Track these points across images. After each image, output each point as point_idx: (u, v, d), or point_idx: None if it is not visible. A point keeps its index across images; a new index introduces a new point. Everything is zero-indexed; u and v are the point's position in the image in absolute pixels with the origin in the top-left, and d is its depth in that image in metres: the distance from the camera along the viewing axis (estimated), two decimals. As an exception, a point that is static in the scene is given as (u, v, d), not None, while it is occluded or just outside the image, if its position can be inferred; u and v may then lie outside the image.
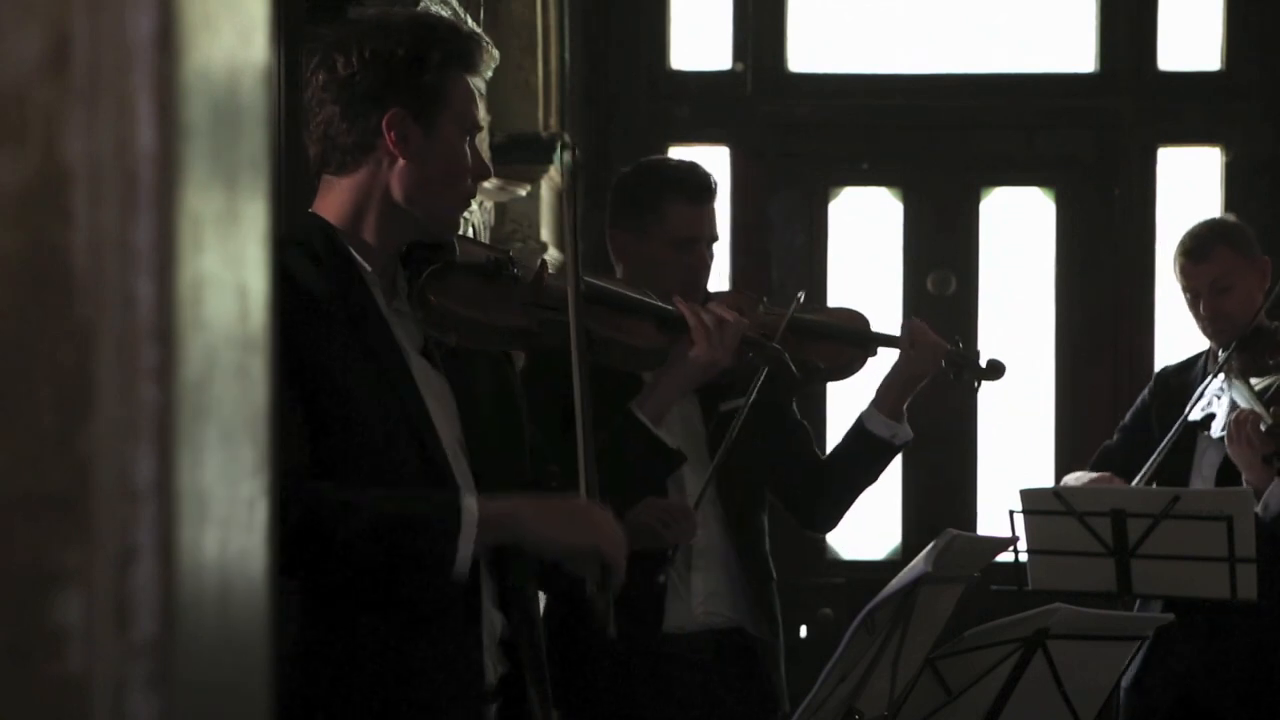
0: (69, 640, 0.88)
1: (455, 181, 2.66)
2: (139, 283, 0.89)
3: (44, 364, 0.89)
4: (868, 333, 3.97)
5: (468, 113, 2.65)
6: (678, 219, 3.78)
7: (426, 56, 2.61)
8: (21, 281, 0.89)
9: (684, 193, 3.79)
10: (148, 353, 0.89)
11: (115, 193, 0.89)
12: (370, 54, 2.61)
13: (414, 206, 2.64)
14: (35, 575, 0.89)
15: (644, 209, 3.80)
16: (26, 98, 0.89)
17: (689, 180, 3.82)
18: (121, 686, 0.89)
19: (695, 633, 3.79)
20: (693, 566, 3.80)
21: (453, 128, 2.64)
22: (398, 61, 2.61)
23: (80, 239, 0.89)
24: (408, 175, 2.62)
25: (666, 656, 3.76)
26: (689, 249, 3.77)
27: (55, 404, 0.89)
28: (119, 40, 0.89)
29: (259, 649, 1.01)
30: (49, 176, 0.89)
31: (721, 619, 3.82)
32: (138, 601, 0.89)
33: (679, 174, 3.84)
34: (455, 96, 2.64)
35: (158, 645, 0.89)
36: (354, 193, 2.64)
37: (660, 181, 3.83)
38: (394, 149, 2.61)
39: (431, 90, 2.62)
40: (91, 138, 0.89)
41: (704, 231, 3.81)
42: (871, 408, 3.95)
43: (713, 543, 3.80)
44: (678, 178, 3.83)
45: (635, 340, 2.98)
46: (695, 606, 3.79)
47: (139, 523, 0.89)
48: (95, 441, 0.89)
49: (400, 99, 2.61)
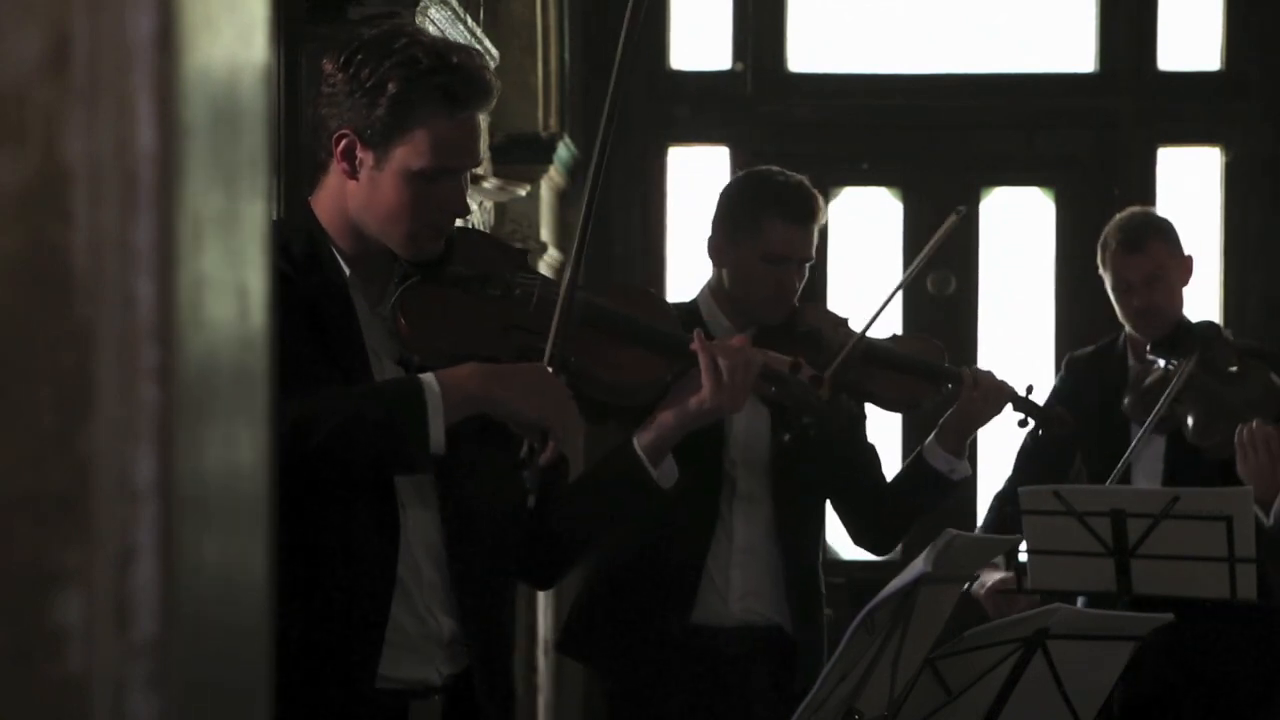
0: (69, 640, 0.88)
1: (401, 218, 2.58)
2: (139, 283, 0.89)
3: (44, 364, 0.89)
4: (939, 368, 3.99)
5: (435, 155, 2.56)
6: (773, 236, 3.80)
7: (389, 89, 2.54)
8: (21, 281, 0.89)
9: (783, 211, 3.81)
10: (148, 353, 0.89)
11: (115, 193, 0.89)
12: (345, 64, 2.57)
13: (363, 226, 2.62)
14: (35, 575, 0.89)
15: (743, 221, 3.83)
16: (26, 98, 0.89)
17: (791, 199, 3.83)
18: (121, 686, 0.89)
19: (731, 628, 3.83)
20: (732, 563, 3.83)
21: (406, 168, 2.55)
22: (359, 84, 2.55)
23: (80, 239, 0.89)
24: (357, 197, 2.60)
25: (699, 650, 3.79)
26: (780, 266, 3.80)
27: (55, 404, 0.89)
28: (119, 40, 0.89)
29: (259, 649, 1.01)
30: (49, 176, 0.89)
31: (759, 617, 3.85)
32: (138, 601, 0.89)
33: (782, 191, 3.85)
34: (416, 137, 2.55)
35: (158, 645, 0.89)
36: (330, 196, 2.64)
37: (762, 196, 3.85)
38: (341, 166, 2.59)
39: (384, 124, 2.54)
40: (91, 138, 0.89)
41: (796, 252, 3.82)
42: (933, 441, 3.98)
43: (755, 541, 3.84)
44: (780, 195, 3.84)
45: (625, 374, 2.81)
46: (733, 602, 3.83)
47: (139, 523, 0.89)
48: (95, 441, 0.89)
49: (352, 121, 2.56)
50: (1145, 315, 4.52)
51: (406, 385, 2.52)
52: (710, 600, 3.81)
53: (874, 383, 3.92)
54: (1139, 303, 4.52)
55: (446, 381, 2.51)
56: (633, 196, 6.57)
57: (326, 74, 2.61)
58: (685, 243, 6.47)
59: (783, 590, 3.85)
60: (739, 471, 3.83)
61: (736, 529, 3.83)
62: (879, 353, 3.94)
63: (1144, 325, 4.53)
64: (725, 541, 3.82)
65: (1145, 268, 4.51)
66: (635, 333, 2.84)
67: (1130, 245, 4.55)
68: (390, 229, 2.60)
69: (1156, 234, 4.58)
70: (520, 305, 2.74)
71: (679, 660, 3.79)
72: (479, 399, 2.55)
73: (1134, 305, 4.53)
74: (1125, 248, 4.55)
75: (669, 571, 3.79)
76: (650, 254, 6.63)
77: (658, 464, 2.81)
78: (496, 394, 2.55)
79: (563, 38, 6.11)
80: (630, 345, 2.83)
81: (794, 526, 3.88)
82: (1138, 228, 4.60)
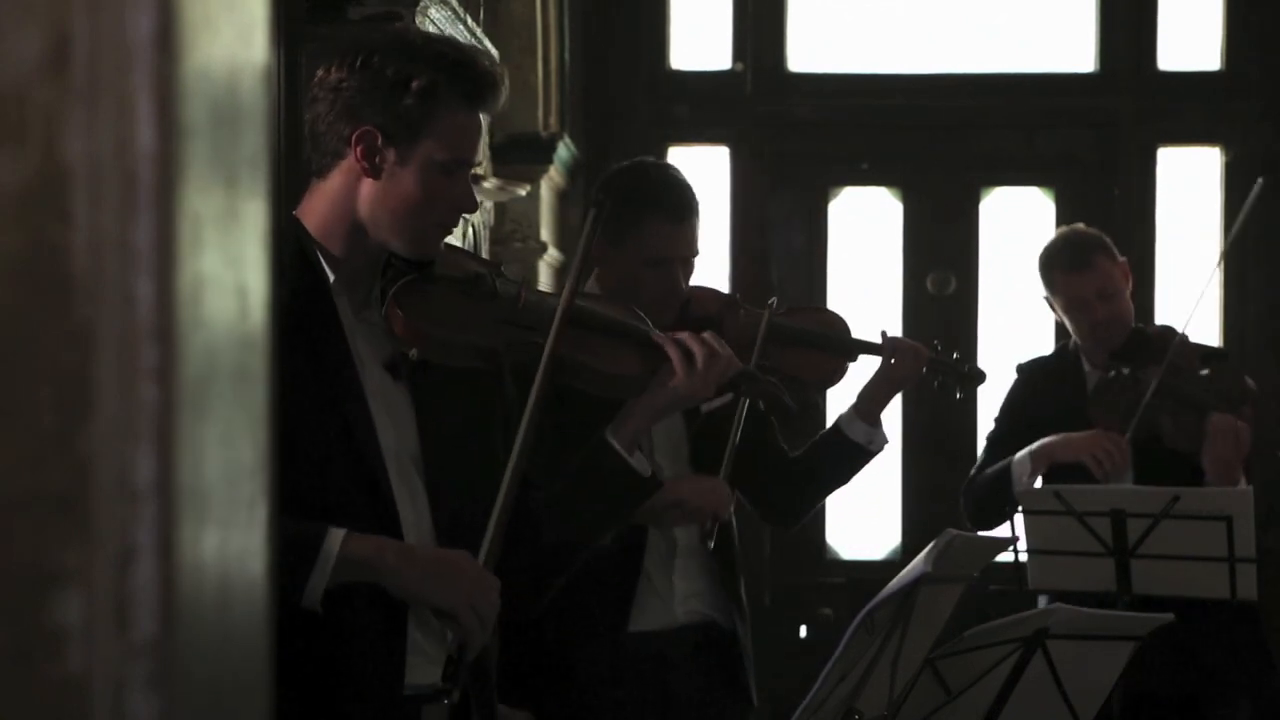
0: (69, 640, 0.88)
1: (420, 212, 2.61)
2: (139, 283, 0.89)
3: (44, 364, 0.89)
4: (848, 339, 3.95)
5: (455, 147, 2.61)
6: (655, 237, 3.68)
7: (415, 82, 2.57)
8: (21, 281, 0.89)
9: (662, 211, 3.70)
10: (148, 353, 0.89)
11: (115, 193, 0.89)
12: (363, 65, 2.59)
13: (377, 228, 2.62)
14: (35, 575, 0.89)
15: (624, 223, 3.67)
16: (26, 98, 0.89)
17: (667, 199, 3.72)
18: (121, 686, 0.89)
19: (674, 629, 3.77)
20: (675, 569, 3.77)
21: (430, 159, 2.59)
22: (383, 80, 2.58)
23: (80, 239, 0.89)
24: (373, 196, 2.61)
25: (647, 656, 3.74)
26: (662, 267, 3.69)
27: (55, 404, 0.89)
28: (119, 40, 0.89)
29: (259, 649, 1.01)
30: (49, 176, 0.89)
31: (698, 615, 3.80)
32: (138, 601, 0.89)
33: (658, 191, 3.73)
34: (441, 128, 2.59)
35: (158, 645, 0.89)
36: (328, 200, 2.64)
37: (640, 198, 3.70)
38: (360, 165, 2.60)
39: (411, 117, 2.58)
40: (91, 138, 0.89)
41: (679, 251, 3.71)
42: (851, 412, 3.94)
43: (693, 543, 3.77)
44: (657, 196, 3.71)
45: (611, 367, 2.88)
46: (676, 606, 3.77)
47: (139, 523, 0.89)
48: (95, 441, 0.89)
49: (376, 118, 2.58)
50: (1106, 328, 4.58)
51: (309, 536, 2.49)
52: (655, 607, 3.74)
53: (793, 365, 3.85)
54: (1099, 316, 4.57)
55: (348, 554, 2.48)
56: (633, 196, 6.57)
57: (334, 79, 2.61)
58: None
59: (718, 584, 3.80)
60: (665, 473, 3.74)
61: (679, 534, 3.76)
62: (786, 332, 3.87)
63: (1104, 337, 4.58)
64: (665, 545, 3.75)
65: (1095, 283, 4.58)
66: (614, 329, 2.92)
67: (1077, 264, 4.61)
68: (405, 225, 2.62)
69: (1097, 249, 4.64)
70: (509, 303, 2.79)
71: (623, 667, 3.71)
72: (379, 572, 2.52)
73: (1094, 319, 4.58)
74: (1073, 267, 4.61)
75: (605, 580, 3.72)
76: (650, 254, 6.62)
77: (632, 455, 2.87)
78: (405, 584, 2.53)
79: (563, 38, 6.11)
80: (613, 341, 2.91)
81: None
82: (1078, 246, 4.66)
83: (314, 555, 2.46)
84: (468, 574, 2.56)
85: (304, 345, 2.57)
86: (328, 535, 2.48)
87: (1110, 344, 4.56)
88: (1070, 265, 4.61)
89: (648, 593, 3.74)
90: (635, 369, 2.91)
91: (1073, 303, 4.60)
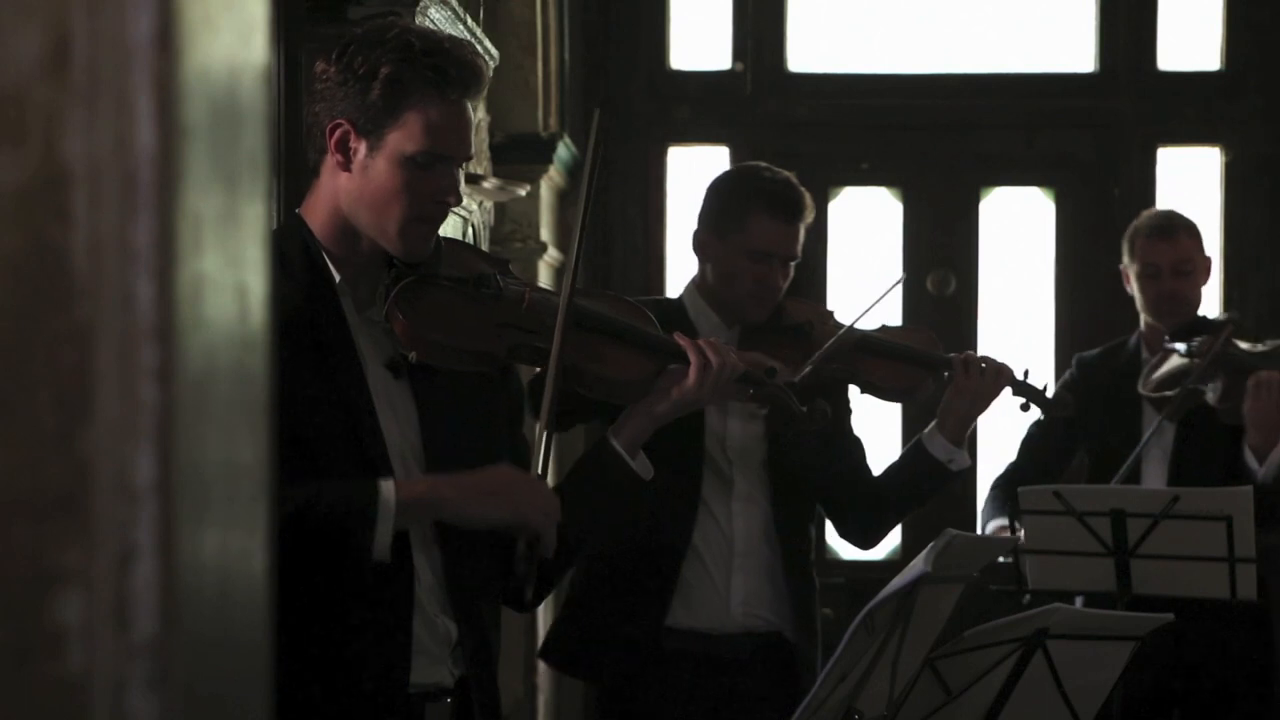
0: (69, 640, 0.88)
1: (393, 206, 2.59)
2: (139, 283, 0.89)
3: (44, 364, 0.89)
4: (932, 354, 3.96)
5: (425, 138, 2.58)
6: (758, 232, 3.77)
7: (381, 73, 2.57)
8: (21, 281, 0.89)
9: (770, 207, 3.78)
10: (148, 353, 0.89)
11: (115, 193, 0.89)
12: (338, 58, 2.60)
13: (356, 221, 2.62)
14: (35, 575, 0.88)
15: (729, 215, 3.80)
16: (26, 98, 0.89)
17: (777, 196, 3.80)
18: (121, 686, 0.89)
19: (733, 634, 3.79)
20: (733, 568, 3.80)
21: (400, 151, 2.58)
22: (351, 73, 2.58)
23: (80, 239, 0.89)
24: (350, 190, 2.61)
25: (701, 656, 3.76)
26: (762, 262, 3.77)
27: (55, 404, 0.89)
28: (119, 40, 0.89)
29: (259, 649, 1.01)
30: (49, 176, 0.89)
31: (761, 622, 3.81)
32: (138, 601, 0.89)
33: (770, 187, 3.82)
34: (409, 119, 2.58)
35: (158, 645, 0.89)
36: (321, 198, 2.65)
37: (749, 191, 3.81)
38: (335, 159, 2.60)
39: (379, 108, 2.57)
40: (91, 138, 0.89)
41: (780, 249, 3.79)
42: (934, 429, 3.94)
43: (754, 545, 3.80)
44: (767, 191, 3.80)
45: (614, 371, 2.88)
46: (734, 607, 3.79)
47: (139, 523, 0.89)
48: (95, 441, 0.89)
49: (347, 111, 2.58)
50: (1170, 300, 4.65)
51: (362, 490, 2.52)
52: (712, 604, 3.78)
53: (869, 372, 3.89)
54: (1167, 288, 4.66)
55: (405, 497, 2.52)
56: (633, 196, 6.58)
57: (319, 73, 2.63)
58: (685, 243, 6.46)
59: (784, 594, 3.83)
60: (735, 472, 3.80)
61: (736, 531, 3.79)
62: (871, 342, 3.92)
63: (1167, 311, 4.65)
64: (725, 545, 3.78)
65: (1174, 254, 4.68)
66: (623, 333, 2.91)
67: (1161, 232, 4.72)
68: (383, 219, 2.61)
69: (1186, 228, 4.77)
70: (512, 305, 2.79)
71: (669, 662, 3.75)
72: (438, 506, 2.57)
73: (1161, 290, 4.65)
74: (1157, 234, 4.72)
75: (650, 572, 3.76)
76: (650, 254, 6.63)
77: (634, 458, 2.87)
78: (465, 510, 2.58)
79: (563, 38, 6.11)
80: (619, 345, 2.90)
81: (793, 529, 3.86)
82: (1169, 218, 4.80)
83: (374, 508, 2.49)
84: (517, 482, 2.61)
85: (310, 343, 2.57)
86: (381, 487, 2.51)
87: (1172, 320, 4.64)
88: (1153, 232, 4.73)
89: (709, 592, 3.78)
90: (640, 373, 2.90)
91: (1146, 269, 4.70)
